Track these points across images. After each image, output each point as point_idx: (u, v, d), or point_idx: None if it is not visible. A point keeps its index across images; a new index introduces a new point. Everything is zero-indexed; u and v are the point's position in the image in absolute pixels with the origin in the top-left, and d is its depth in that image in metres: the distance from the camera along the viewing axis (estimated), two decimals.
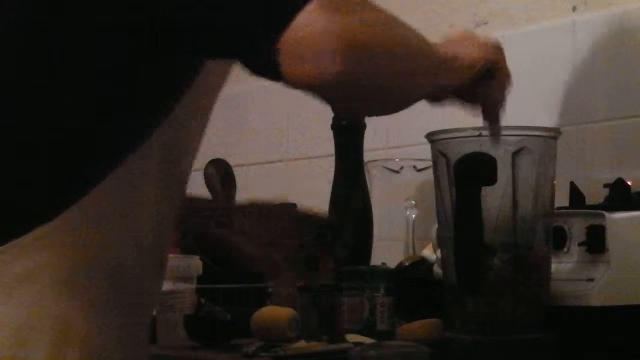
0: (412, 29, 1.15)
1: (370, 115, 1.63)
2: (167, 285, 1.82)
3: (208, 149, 2.27)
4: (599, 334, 1.40)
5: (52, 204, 1.14)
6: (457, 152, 1.40)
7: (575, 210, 1.50)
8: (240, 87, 2.55)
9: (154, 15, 1.10)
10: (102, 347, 1.17)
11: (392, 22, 1.13)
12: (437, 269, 1.65)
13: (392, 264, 1.84)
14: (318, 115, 2.08)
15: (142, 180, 1.19)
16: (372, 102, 1.15)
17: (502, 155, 1.39)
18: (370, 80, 1.09)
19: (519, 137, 1.43)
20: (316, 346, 1.59)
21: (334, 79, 1.05)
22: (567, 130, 1.70)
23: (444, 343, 1.43)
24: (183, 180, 1.28)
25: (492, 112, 1.35)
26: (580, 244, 1.45)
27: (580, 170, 1.84)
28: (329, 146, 2.00)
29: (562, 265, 1.46)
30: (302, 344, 1.60)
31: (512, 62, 1.95)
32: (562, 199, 1.54)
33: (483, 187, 1.37)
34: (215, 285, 1.95)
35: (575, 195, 1.58)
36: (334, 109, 1.52)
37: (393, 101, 1.17)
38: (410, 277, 1.76)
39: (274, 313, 1.72)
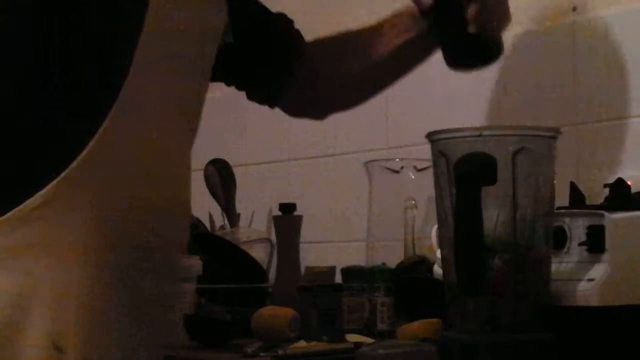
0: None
1: None
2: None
3: (208, 149, 2.28)
4: (598, 334, 1.40)
5: (39, 173, 1.15)
6: (457, 152, 1.40)
7: (575, 210, 1.50)
8: None
9: None
10: (100, 312, 1.18)
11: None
12: (437, 269, 1.65)
13: (392, 264, 1.83)
14: None
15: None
16: None
17: (502, 155, 1.39)
18: None
19: (519, 137, 1.43)
20: (316, 346, 1.59)
21: None
22: (567, 130, 1.70)
23: (444, 343, 1.43)
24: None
25: None
26: (580, 244, 1.45)
27: (580, 170, 1.84)
28: (329, 146, 1.99)
29: (562, 265, 1.46)
30: (302, 344, 1.60)
31: (513, 62, 1.97)
32: (562, 199, 1.54)
33: (483, 187, 1.37)
34: (215, 285, 1.96)
35: (575, 195, 1.58)
36: None
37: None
38: (410, 277, 1.76)
39: (274, 313, 1.72)
